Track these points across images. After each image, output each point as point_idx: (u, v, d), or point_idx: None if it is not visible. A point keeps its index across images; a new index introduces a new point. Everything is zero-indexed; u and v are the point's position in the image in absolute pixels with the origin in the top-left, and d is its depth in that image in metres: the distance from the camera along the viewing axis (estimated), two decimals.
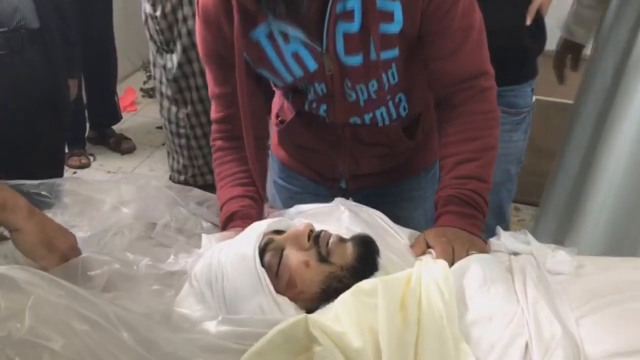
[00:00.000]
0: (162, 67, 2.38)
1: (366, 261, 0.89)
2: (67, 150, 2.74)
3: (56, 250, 0.88)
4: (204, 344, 0.78)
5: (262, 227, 0.92)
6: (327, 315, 0.78)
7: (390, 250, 0.97)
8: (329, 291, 0.85)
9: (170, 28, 2.27)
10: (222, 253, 0.90)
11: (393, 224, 1.06)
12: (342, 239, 0.91)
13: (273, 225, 0.95)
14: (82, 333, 0.71)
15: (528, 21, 1.45)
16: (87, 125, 3.13)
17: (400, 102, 1.17)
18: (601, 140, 1.64)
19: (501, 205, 1.60)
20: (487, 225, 1.03)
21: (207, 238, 1.02)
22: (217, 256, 0.90)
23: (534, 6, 1.44)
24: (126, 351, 0.72)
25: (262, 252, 0.88)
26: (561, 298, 0.85)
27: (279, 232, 0.93)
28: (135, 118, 3.47)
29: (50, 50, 1.60)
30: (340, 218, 1.04)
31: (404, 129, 1.22)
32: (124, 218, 1.10)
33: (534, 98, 1.64)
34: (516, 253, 0.98)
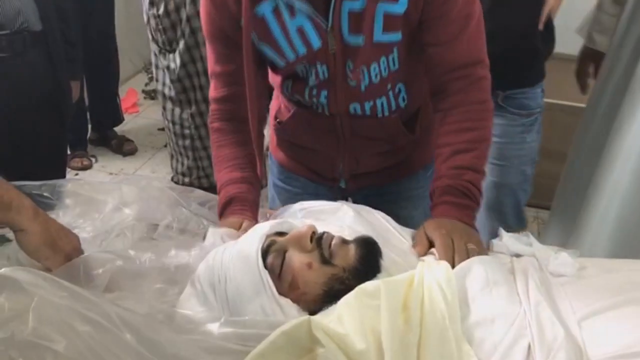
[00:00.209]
0: (166, 68, 2.38)
1: (369, 263, 0.89)
2: (69, 151, 2.74)
3: (60, 250, 0.88)
4: (207, 346, 0.78)
5: (265, 229, 0.92)
6: (330, 317, 0.78)
7: (393, 251, 0.96)
8: (332, 293, 0.85)
9: (173, 27, 2.27)
10: (225, 255, 0.90)
11: (396, 225, 1.06)
12: (345, 241, 0.91)
13: (275, 227, 0.95)
14: (85, 334, 0.71)
15: (540, 26, 1.47)
16: (89, 127, 3.14)
17: (399, 93, 1.18)
18: (608, 143, 1.64)
19: (519, 205, 1.62)
20: (507, 225, 1.04)
21: (212, 232, 1.03)
22: (220, 258, 0.90)
23: (546, 10, 1.46)
24: (129, 352, 0.72)
25: (265, 254, 0.88)
26: (563, 300, 0.85)
27: (282, 234, 0.93)
28: (137, 120, 3.47)
29: (52, 52, 1.61)
30: (343, 218, 1.04)
31: (403, 123, 1.23)
32: (126, 219, 1.11)
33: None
34: (518, 255, 0.98)
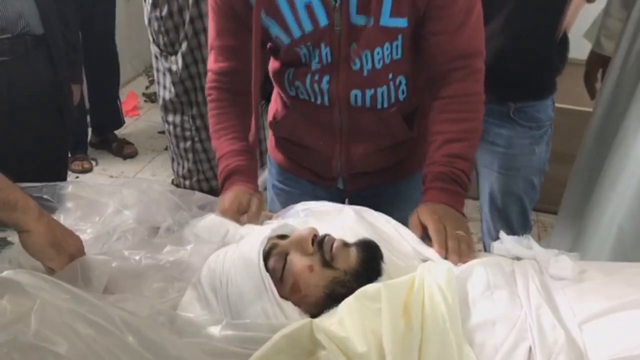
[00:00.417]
0: (167, 71, 2.38)
1: (370, 266, 0.89)
2: (70, 154, 2.74)
3: (64, 252, 0.88)
4: (209, 348, 0.79)
5: (266, 232, 0.92)
6: (331, 319, 0.79)
7: (394, 254, 0.97)
8: (333, 296, 0.85)
9: (176, 29, 2.27)
10: (226, 258, 0.90)
11: (399, 226, 1.06)
12: (346, 244, 0.91)
13: (277, 230, 0.95)
14: (87, 337, 0.71)
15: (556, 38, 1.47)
16: (90, 130, 3.14)
17: (400, 85, 1.19)
18: (615, 148, 1.65)
19: (525, 212, 1.62)
20: (513, 230, 1.04)
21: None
22: (222, 261, 0.90)
23: (564, 24, 1.45)
24: (131, 355, 0.72)
25: (266, 257, 0.88)
26: (564, 303, 0.85)
27: (283, 237, 0.94)
28: (137, 123, 3.48)
29: (54, 55, 1.61)
30: (345, 220, 1.04)
31: (402, 119, 1.24)
32: (127, 221, 1.11)
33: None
34: (519, 258, 0.98)
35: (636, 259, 1.54)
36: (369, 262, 0.89)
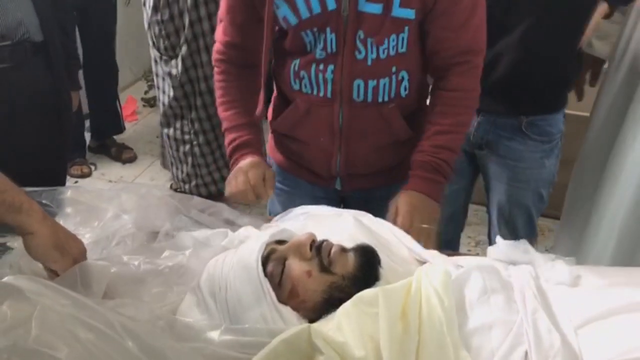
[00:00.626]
0: (167, 75, 2.37)
1: (368, 271, 0.90)
2: (68, 159, 2.74)
3: (68, 254, 0.89)
4: (208, 353, 0.79)
5: (265, 237, 0.93)
6: (329, 324, 0.79)
7: (392, 258, 0.97)
8: (331, 301, 0.86)
9: (177, 32, 2.27)
10: (225, 263, 0.91)
11: (397, 231, 1.07)
12: (344, 249, 0.92)
13: (275, 235, 0.96)
14: (87, 342, 0.72)
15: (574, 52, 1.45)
16: (89, 134, 3.15)
17: (402, 81, 1.21)
18: (614, 153, 1.65)
19: (532, 221, 1.61)
20: (519, 238, 1.04)
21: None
22: (220, 266, 0.91)
23: (584, 40, 1.44)
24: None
25: (265, 262, 0.89)
26: (560, 307, 0.85)
27: (282, 242, 0.94)
28: (136, 127, 3.48)
29: (53, 62, 1.62)
30: (343, 225, 1.04)
31: (404, 118, 1.26)
32: (125, 226, 1.11)
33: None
34: (515, 262, 0.99)
35: (637, 263, 1.55)
36: (367, 267, 0.90)
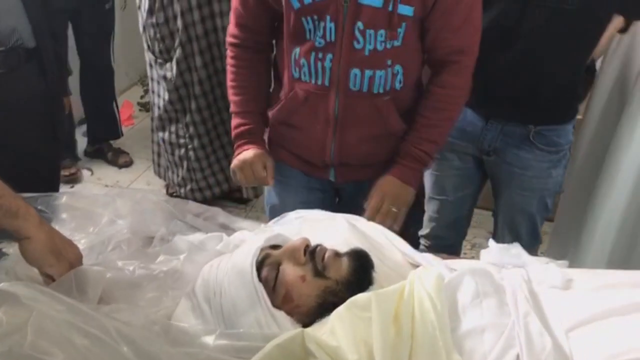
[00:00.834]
0: (162, 78, 2.37)
1: (361, 275, 0.90)
2: None
3: (64, 259, 0.89)
4: (203, 358, 0.80)
5: (259, 242, 0.94)
6: (323, 329, 0.80)
7: (385, 262, 0.98)
8: (325, 305, 0.87)
9: (172, 35, 2.26)
10: (220, 268, 0.92)
11: (391, 235, 1.08)
12: (338, 254, 0.92)
13: (270, 240, 0.96)
14: (83, 347, 0.73)
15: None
16: (83, 138, 3.16)
17: (397, 75, 1.24)
18: (608, 157, 1.66)
19: (535, 229, 1.61)
20: (523, 245, 1.04)
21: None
22: (215, 272, 0.91)
23: (596, 53, 1.43)
24: None
25: (259, 267, 0.90)
26: (552, 310, 0.86)
27: (276, 247, 0.95)
28: (132, 132, 3.48)
29: (46, 67, 1.63)
30: (338, 229, 1.05)
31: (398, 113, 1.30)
32: (121, 231, 1.12)
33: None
34: (508, 266, 1.00)
35: (632, 266, 1.56)
36: (360, 272, 0.91)
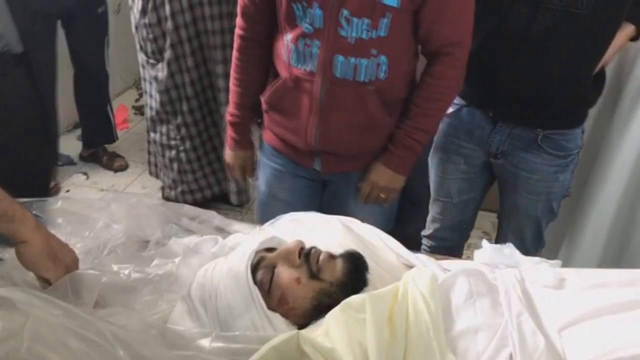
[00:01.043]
0: (153, 79, 2.36)
1: (355, 277, 0.91)
2: None
3: (60, 262, 0.90)
4: None
5: (254, 245, 0.94)
6: (318, 331, 0.81)
7: (379, 264, 0.99)
8: (320, 307, 0.87)
9: (164, 35, 2.25)
10: (215, 271, 0.92)
11: (385, 236, 1.09)
12: (332, 256, 0.93)
13: (265, 242, 0.97)
14: (79, 352, 0.73)
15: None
16: (81, 143, 3.16)
17: (381, 65, 1.26)
18: (600, 156, 1.67)
19: (540, 233, 1.60)
20: (526, 248, 1.03)
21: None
22: (210, 275, 0.92)
23: (605, 61, 1.41)
24: None
25: (254, 270, 0.90)
26: (544, 310, 0.87)
27: (271, 250, 0.96)
28: (127, 136, 3.48)
29: (35, 73, 1.63)
30: (332, 231, 1.06)
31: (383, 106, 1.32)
32: (116, 235, 1.12)
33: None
34: (501, 266, 1.01)
35: (623, 265, 1.57)
36: (355, 273, 0.91)
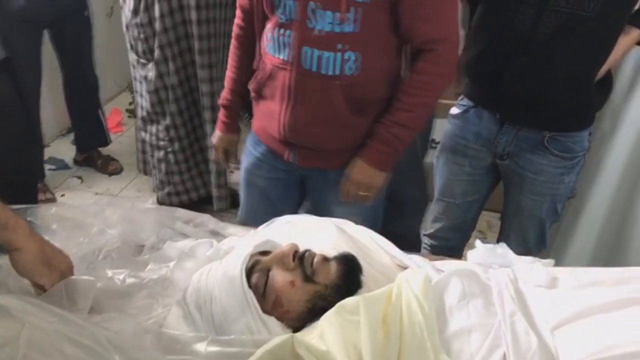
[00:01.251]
0: (144, 78, 2.36)
1: (349, 279, 0.92)
2: None
3: (55, 269, 0.90)
4: None
5: (249, 249, 0.95)
6: (312, 333, 0.81)
7: (373, 266, 0.99)
8: (315, 310, 0.88)
9: (154, 36, 2.26)
10: (210, 276, 0.92)
11: (379, 238, 1.09)
12: (326, 258, 0.93)
13: (259, 246, 0.97)
14: (74, 358, 0.73)
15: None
16: (74, 147, 3.15)
17: (348, 60, 1.26)
18: (591, 155, 1.68)
19: (543, 234, 1.61)
20: (529, 249, 1.03)
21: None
22: (205, 279, 0.92)
23: (608, 65, 1.41)
24: None
25: (249, 274, 0.91)
26: (537, 309, 0.88)
27: (265, 253, 0.96)
28: (121, 139, 3.47)
29: (18, 78, 1.63)
30: (326, 233, 1.06)
31: (353, 108, 1.32)
32: (111, 240, 1.12)
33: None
34: (494, 266, 1.01)
35: (614, 264, 1.58)
36: (349, 276, 0.92)
